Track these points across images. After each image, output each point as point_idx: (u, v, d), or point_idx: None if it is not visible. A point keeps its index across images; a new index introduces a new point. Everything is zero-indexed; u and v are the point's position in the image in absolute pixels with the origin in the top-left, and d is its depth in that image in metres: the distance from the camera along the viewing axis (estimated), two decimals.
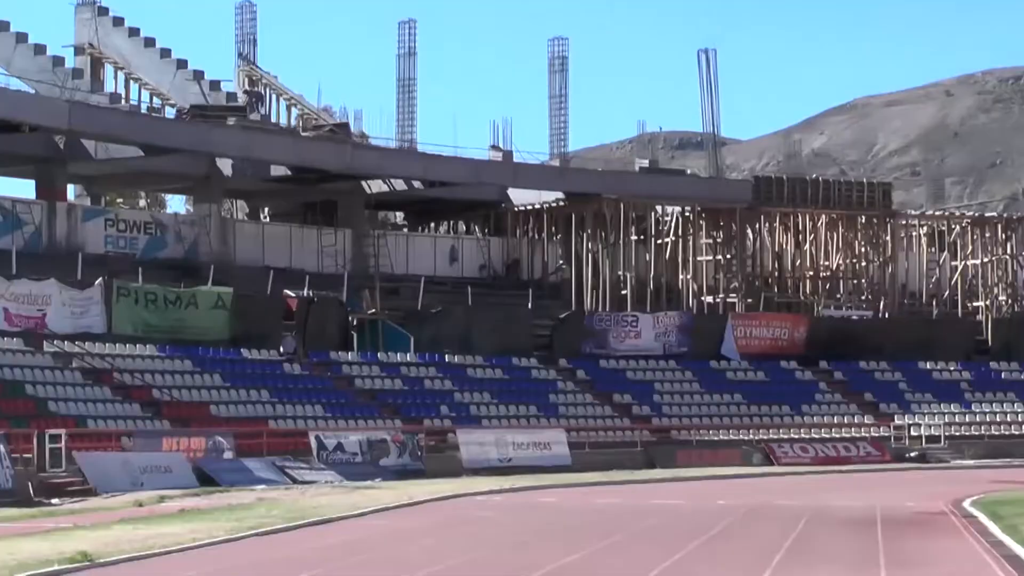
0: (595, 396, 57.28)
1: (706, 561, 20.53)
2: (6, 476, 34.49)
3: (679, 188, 69.95)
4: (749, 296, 66.04)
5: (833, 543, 22.85)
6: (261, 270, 56.43)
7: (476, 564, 20.16)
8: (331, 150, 62.31)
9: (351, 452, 45.88)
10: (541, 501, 34.80)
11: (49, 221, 54.31)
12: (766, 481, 44.38)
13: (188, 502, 32.67)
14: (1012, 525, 24.41)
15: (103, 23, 67.82)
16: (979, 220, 73.36)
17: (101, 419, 43.48)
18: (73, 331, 48.08)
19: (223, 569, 19.29)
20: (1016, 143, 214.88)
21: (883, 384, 62.31)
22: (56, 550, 20.40)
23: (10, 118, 52.84)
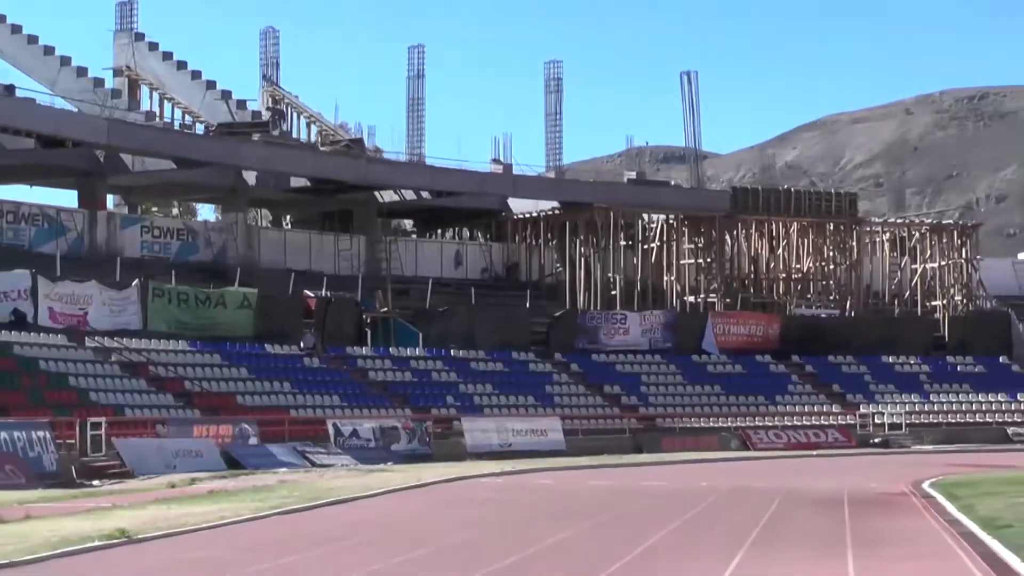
0: (587, 387, 57.28)
1: (689, 537, 20.53)
2: (51, 460, 34.55)
3: (664, 198, 70.00)
4: (727, 296, 66.08)
5: (804, 521, 22.85)
6: (283, 272, 56.44)
7: (480, 540, 20.16)
8: (347, 163, 62.36)
9: (365, 438, 45.89)
10: (538, 483, 34.80)
11: (90, 228, 54.33)
12: (743, 465, 44.37)
13: (217, 484, 32.67)
14: (968, 505, 24.40)
15: (139, 48, 67.91)
16: (937, 227, 73.37)
17: (137, 408, 43.49)
18: (112, 328, 48.08)
19: (248, 545, 19.29)
20: (970, 157, 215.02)
21: (849, 376, 62.35)
22: (96, 527, 20.40)
23: (55, 134, 52.94)
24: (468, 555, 17.89)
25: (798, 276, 68.88)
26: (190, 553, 18.12)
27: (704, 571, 15.68)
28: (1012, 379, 63.48)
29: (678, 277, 66.18)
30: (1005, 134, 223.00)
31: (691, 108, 73.88)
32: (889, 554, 17.70)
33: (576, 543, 19.59)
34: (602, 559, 16.91)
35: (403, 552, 18.22)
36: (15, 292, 46.01)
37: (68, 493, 29.97)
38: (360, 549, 18.93)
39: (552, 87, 74.36)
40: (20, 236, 52.34)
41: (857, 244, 68.80)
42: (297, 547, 18.96)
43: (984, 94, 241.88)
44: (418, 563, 17.09)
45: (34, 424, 35.66)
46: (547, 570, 16.24)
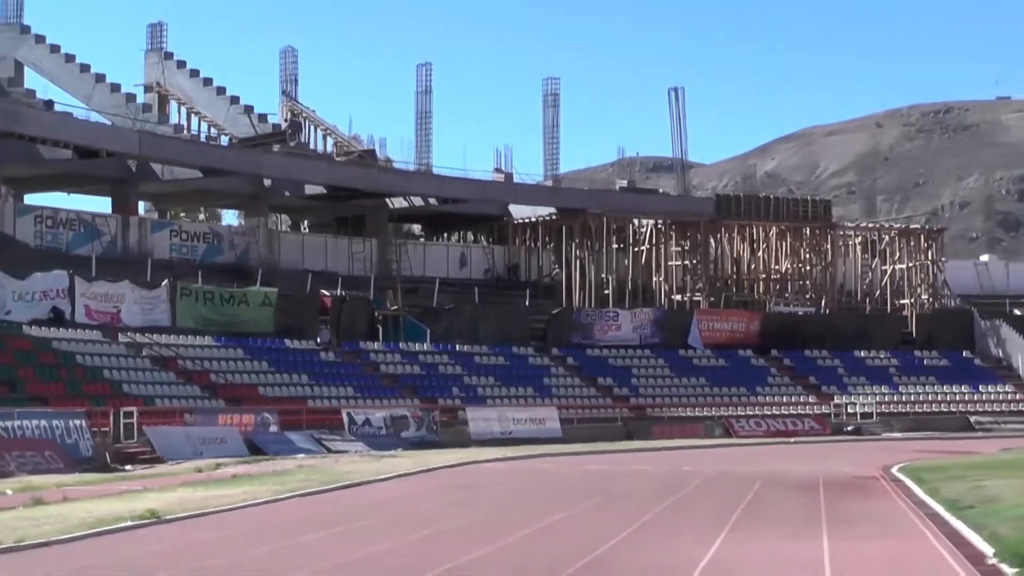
0: (582, 379, 57.27)
1: (676, 517, 20.54)
2: (87, 446, 34.56)
3: (653, 204, 70.10)
4: (711, 295, 66.08)
5: (782, 503, 22.86)
6: (301, 273, 56.46)
7: (484, 520, 20.16)
8: (360, 172, 62.44)
9: (377, 426, 45.89)
10: (537, 467, 34.80)
11: (123, 232, 54.34)
12: (726, 451, 44.37)
13: (240, 468, 32.67)
14: (933, 488, 24.41)
15: (168, 66, 68.02)
16: (905, 231, 73.39)
17: (167, 399, 43.50)
18: (143, 325, 48.11)
19: (269, 525, 19.30)
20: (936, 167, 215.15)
21: (824, 369, 62.32)
22: (128, 508, 20.41)
23: (90, 145, 53.03)
24: (473, 534, 17.90)
25: (777, 276, 68.90)
26: (215, 532, 18.14)
27: (690, 549, 15.68)
28: (975, 372, 63.52)
29: (666, 277, 66.20)
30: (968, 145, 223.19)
31: (678, 121, 73.94)
32: (861, 533, 17.71)
33: (572, 523, 19.61)
34: (596, 537, 16.93)
35: (412, 532, 18.23)
36: (54, 291, 46.05)
37: (103, 477, 29.98)
38: (372, 529, 18.94)
39: (550, 102, 74.51)
40: (58, 239, 52.38)
41: (831, 247, 68.82)
42: (313, 527, 18.97)
43: (948, 108, 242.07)
44: (426, 542, 17.09)
45: (72, 413, 35.69)
46: (546, 548, 16.25)
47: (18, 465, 30.16)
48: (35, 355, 42.61)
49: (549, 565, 14.11)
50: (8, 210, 52.23)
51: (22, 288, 45.13)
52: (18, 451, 31.42)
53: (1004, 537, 15.90)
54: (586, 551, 15.47)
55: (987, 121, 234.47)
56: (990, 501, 21.02)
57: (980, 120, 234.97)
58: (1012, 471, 28.66)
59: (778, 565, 14.33)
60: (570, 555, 15.02)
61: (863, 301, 69.59)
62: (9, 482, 27.04)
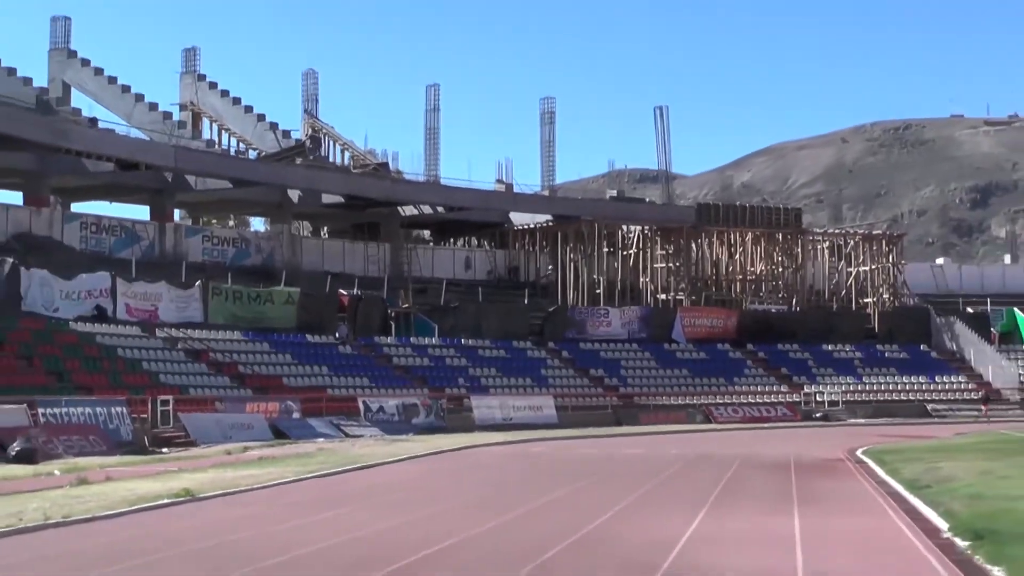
0: (576, 371, 57.31)
1: (662, 495, 20.53)
2: (127, 431, 34.59)
3: (640, 212, 70.20)
4: (693, 294, 66.14)
5: (757, 483, 22.85)
6: (321, 274, 56.52)
7: (487, 498, 20.15)
8: (374, 183, 62.53)
9: (390, 413, 45.90)
10: (535, 450, 34.80)
11: (160, 237, 54.41)
12: (706, 435, 44.37)
13: (265, 451, 32.68)
14: (894, 469, 24.41)
15: (201, 86, 68.07)
16: (868, 236, 73.42)
17: (199, 388, 43.50)
18: (178, 321, 48.14)
19: (292, 502, 19.29)
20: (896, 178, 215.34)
21: (795, 361, 62.37)
22: (165, 488, 20.40)
23: (130, 159, 53.09)
24: (477, 511, 17.89)
25: (752, 277, 68.95)
26: (243, 509, 18.13)
27: (674, 524, 15.67)
28: (931, 364, 63.59)
29: (652, 278, 66.24)
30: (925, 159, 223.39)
31: (663, 137, 74.19)
32: (828, 510, 17.70)
33: (567, 500, 19.60)
34: (589, 514, 16.91)
35: (422, 508, 18.22)
36: (97, 291, 46.08)
37: (141, 459, 29.98)
38: (386, 506, 18.94)
39: (546, 119, 74.60)
40: (102, 244, 52.44)
41: (801, 251, 68.86)
42: (332, 505, 18.95)
43: (907, 125, 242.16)
44: (435, 517, 17.08)
45: (113, 401, 35.72)
46: (544, 523, 16.24)
47: (65, 448, 30.17)
48: (80, 348, 42.63)
49: (547, 538, 14.10)
50: (56, 217, 52.28)
51: (69, 288, 45.18)
52: (65, 435, 31.43)
53: (958, 514, 15.90)
54: (580, 526, 15.46)
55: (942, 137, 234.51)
56: (945, 481, 21.01)
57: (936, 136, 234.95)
58: (965, 454, 28.70)
59: (754, 539, 14.33)
60: (566, 529, 15.01)
61: (830, 300, 69.67)
62: (57, 463, 27.05)
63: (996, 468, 23.63)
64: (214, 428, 38.06)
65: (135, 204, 58.82)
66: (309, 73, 72.50)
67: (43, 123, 51.63)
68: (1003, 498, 17.58)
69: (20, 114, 51.47)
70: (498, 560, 12.60)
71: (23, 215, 50.67)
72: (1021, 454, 28.35)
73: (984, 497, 17.80)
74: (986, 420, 51.85)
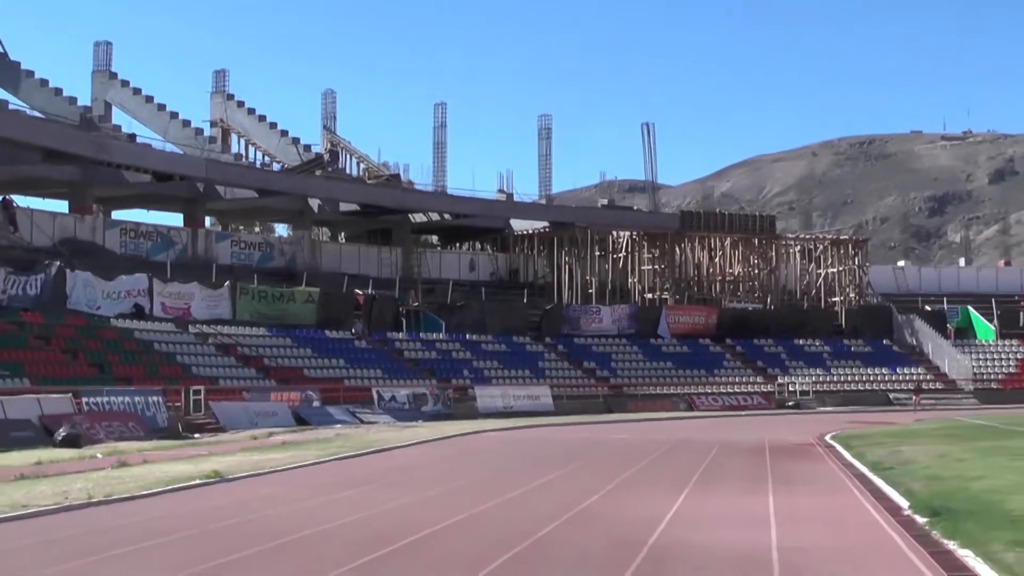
0: (570, 363, 57.29)
1: (648, 476, 20.54)
2: (163, 418, 34.60)
3: (628, 219, 70.13)
4: (677, 293, 66.09)
5: (735, 465, 22.87)
6: (339, 275, 56.48)
7: (489, 479, 20.18)
8: (387, 193, 62.45)
9: (401, 402, 45.91)
10: (533, 436, 34.83)
11: (192, 242, 54.37)
12: (689, 422, 44.41)
13: (288, 437, 32.71)
14: (860, 452, 24.43)
15: (230, 105, 68.00)
16: (836, 241, 73.37)
17: (228, 379, 43.53)
18: (209, 318, 48.15)
19: (312, 483, 19.31)
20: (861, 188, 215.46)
21: (769, 354, 62.34)
22: (197, 469, 20.42)
23: (166, 171, 53.10)
24: (481, 490, 17.90)
25: (731, 278, 68.90)
26: (267, 489, 18.14)
27: (660, 502, 15.68)
28: (893, 357, 63.55)
29: (639, 279, 66.20)
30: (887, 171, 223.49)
31: (649, 151, 74.06)
32: (800, 490, 17.72)
33: (562, 481, 19.61)
34: (583, 493, 16.93)
35: (431, 488, 18.23)
36: (136, 291, 46.10)
37: (175, 443, 30.02)
38: (397, 486, 18.95)
39: (543, 135, 74.44)
40: (139, 248, 52.42)
41: (775, 254, 68.81)
42: (349, 485, 18.97)
43: (872, 140, 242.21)
44: (443, 496, 17.10)
45: (150, 391, 35.73)
46: (542, 501, 16.25)
47: (107, 433, 30.19)
48: (120, 343, 42.66)
49: (543, 516, 14.11)
50: (99, 224, 52.27)
51: (110, 288, 45.20)
52: (107, 422, 31.45)
53: (917, 493, 15.92)
54: (573, 505, 15.47)
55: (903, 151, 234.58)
56: (906, 463, 21.04)
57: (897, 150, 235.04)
58: (924, 439, 28.72)
59: (732, 516, 14.34)
60: (562, 507, 15.02)
61: (801, 299, 69.62)
62: (99, 447, 27.08)
63: (952, 452, 23.67)
64: (241, 415, 38.10)
65: (170, 212, 58.84)
66: (328, 93, 72.57)
67: (87, 139, 51.60)
68: (958, 479, 17.61)
69: (66, 131, 51.46)
70: (500, 536, 12.61)
71: (69, 222, 50.67)
72: (974, 439, 28.37)
73: (941, 478, 17.82)
74: (916, 408, 51.86)
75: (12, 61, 61.02)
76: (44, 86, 60.32)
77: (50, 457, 23.85)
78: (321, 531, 13.04)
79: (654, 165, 75.26)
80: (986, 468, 19.35)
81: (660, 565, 10.72)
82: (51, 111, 56.52)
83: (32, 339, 39.54)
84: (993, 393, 59.68)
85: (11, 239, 46.62)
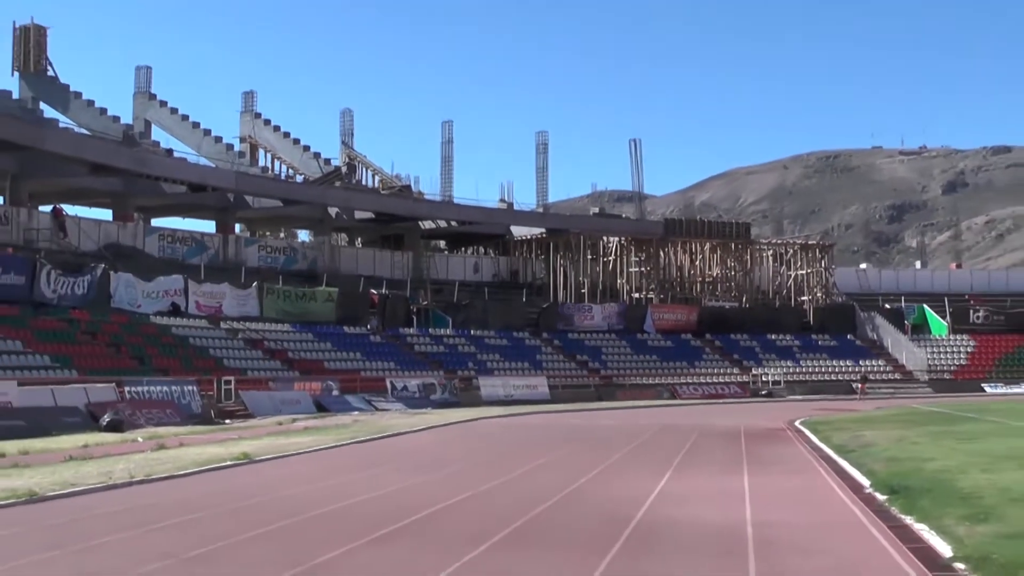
0: (565, 356, 57.23)
1: (635, 458, 20.55)
2: (197, 405, 34.62)
3: (617, 226, 70.06)
4: (661, 293, 66.07)
5: (714, 448, 22.88)
6: (355, 277, 56.46)
7: (493, 460, 20.17)
8: (399, 202, 62.42)
9: (412, 391, 45.90)
10: (531, 422, 34.83)
11: (223, 246, 54.35)
12: (672, 409, 44.42)
13: (310, 422, 32.74)
14: (826, 436, 24.45)
15: (257, 123, 68.05)
16: (805, 246, 73.28)
17: (256, 370, 43.52)
18: (238, 315, 48.14)
19: (332, 464, 19.33)
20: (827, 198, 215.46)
21: (744, 348, 62.30)
22: (228, 452, 20.44)
23: (200, 182, 53.07)
24: (484, 471, 17.93)
25: (710, 279, 68.84)
26: (292, 469, 18.17)
27: (646, 482, 15.70)
28: (856, 350, 63.55)
29: (627, 280, 66.17)
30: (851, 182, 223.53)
31: (636, 164, 74.10)
32: (772, 470, 17.73)
33: (558, 462, 19.62)
34: (576, 473, 16.94)
35: (439, 469, 18.25)
36: (173, 291, 46.09)
37: (208, 428, 30.04)
38: (409, 468, 18.96)
39: (541, 149, 74.43)
40: (176, 252, 52.39)
41: (750, 257, 68.79)
42: (365, 466, 18.99)
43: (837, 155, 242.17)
44: (450, 476, 17.11)
45: (185, 381, 35.75)
46: (537, 482, 16.27)
47: (146, 419, 30.20)
48: (159, 338, 42.65)
49: (540, 495, 14.14)
50: (139, 231, 52.26)
51: (149, 288, 45.20)
52: (147, 409, 31.48)
53: (877, 472, 15.95)
54: (568, 483, 15.49)
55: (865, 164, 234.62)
56: (867, 446, 21.05)
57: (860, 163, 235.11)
58: (883, 424, 28.72)
59: (711, 494, 14.36)
60: (555, 487, 15.04)
61: (773, 298, 69.57)
62: (140, 432, 27.09)
63: (908, 435, 23.67)
64: (268, 403, 38.12)
65: (203, 219, 58.81)
66: (346, 111, 72.51)
67: (128, 154, 51.59)
68: (914, 460, 17.62)
69: (110, 146, 51.46)
70: (501, 512, 12.63)
71: (112, 228, 50.67)
72: (928, 424, 28.36)
73: (899, 459, 17.84)
74: (861, 397, 51.84)
75: (62, 84, 61.06)
76: (90, 106, 60.36)
77: (96, 440, 23.88)
78: (339, 507, 13.06)
79: (640, 177, 75.34)
80: (939, 451, 19.37)
81: (646, 538, 10.73)
82: (97, 129, 56.54)
83: (80, 334, 39.55)
84: (945, 383, 59.70)
85: (61, 244, 46.63)
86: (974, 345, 64.17)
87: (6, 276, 39.18)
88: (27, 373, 33.63)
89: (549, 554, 9.91)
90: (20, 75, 59.75)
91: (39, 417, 27.31)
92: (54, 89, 60.35)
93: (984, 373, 61.42)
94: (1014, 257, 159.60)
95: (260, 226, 65.41)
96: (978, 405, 41.07)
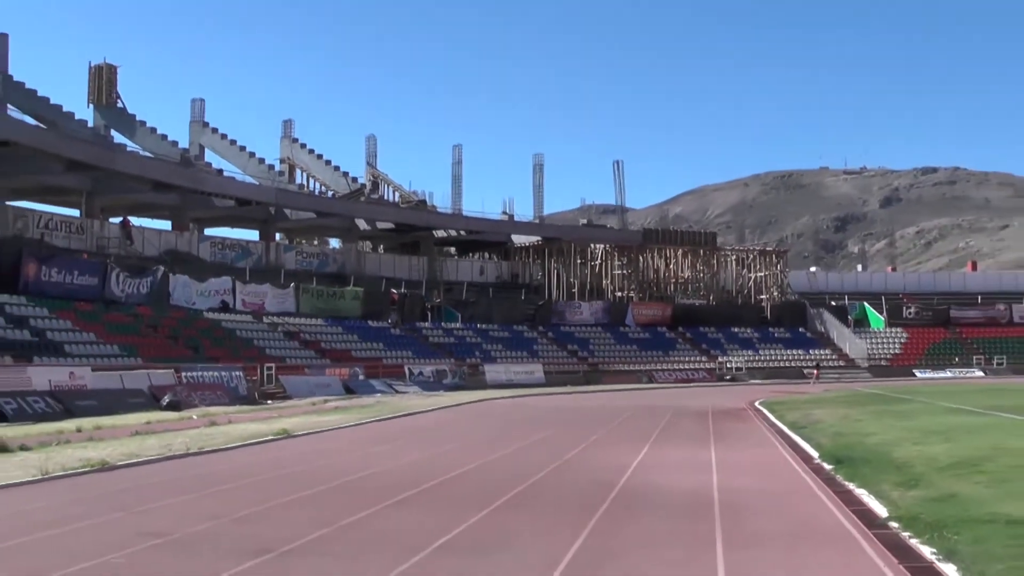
0: (558, 346, 57.26)
1: (619, 433, 20.53)
2: (243, 388, 34.62)
3: (603, 235, 70.06)
4: (640, 292, 66.05)
5: (686, 425, 22.87)
6: (378, 279, 56.47)
7: (496, 436, 20.17)
8: (416, 214, 62.39)
9: (427, 376, 45.88)
10: (529, 403, 34.83)
11: (265, 252, 54.35)
12: (650, 392, 44.41)
13: (340, 403, 32.76)
14: (781, 415, 24.44)
15: (295, 146, 68.01)
16: (763, 252, 73.24)
17: (293, 358, 43.55)
18: (279, 311, 48.13)
19: (358, 438, 19.34)
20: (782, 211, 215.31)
21: (712, 339, 62.32)
22: (270, 428, 20.44)
23: (245, 198, 53.15)
24: (489, 445, 17.93)
25: (682, 280, 68.85)
26: (324, 444, 18.18)
27: (628, 454, 15.70)
28: (806, 341, 63.57)
29: (611, 281, 66.15)
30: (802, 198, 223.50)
31: (619, 182, 74.13)
32: (736, 445, 17.73)
33: (552, 437, 19.61)
34: (567, 447, 16.94)
35: (450, 443, 18.25)
36: (222, 290, 46.12)
37: (253, 408, 30.06)
38: (425, 442, 18.99)
39: (537, 169, 74.17)
40: (225, 257, 52.40)
41: (716, 262, 68.80)
42: (387, 440, 19.00)
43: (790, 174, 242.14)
44: (459, 449, 17.12)
45: (233, 367, 35.74)
46: (535, 453, 16.27)
47: (200, 400, 30.22)
48: (211, 330, 42.66)
49: (537, 464, 14.15)
50: (194, 239, 52.29)
51: (202, 288, 45.22)
52: (200, 391, 31.50)
53: (825, 446, 15.94)
54: (560, 455, 15.50)
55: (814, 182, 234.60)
56: (816, 423, 21.05)
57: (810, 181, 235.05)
58: (830, 404, 28.71)
59: (684, 464, 14.36)
60: (550, 458, 15.05)
61: (736, 296, 69.56)
62: (195, 411, 27.11)
63: (852, 414, 23.67)
64: (304, 386, 38.13)
65: (248, 229, 58.82)
66: (371, 136, 72.40)
67: (185, 173, 51.63)
68: (857, 434, 17.63)
69: (170, 167, 51.50)
70: (504, 479, 12.63)
71: (171, 237, 50.71)
72: (869, 404, 28.34)
73: (843, 434, 17.84)
74: (815, 382, 51.90)
75: (130, 114, 61.06)
76: (153, 133, 60.34)
77: (157, 418, 23.90)
78: (364, 475, 13.07)
79: (623, 193, 75.37)
80: (878, 427, 19.36)
81: (629, 501, 10.75)
82: (158, 152, 56.53)
83: (143, 327, 39.56)
84: (883, 369, 59.75)
85: (128, 250, 46.68)
86: (907, 337, 64.21)
87: (82, 278, 39.27)
88: (100, 360, 33.64)
89: (546, 514, 9.93)
90: (94, 107, 59.78)
91: (109, 398, 27.33)
92: (123, 119, 60.35)
93: (915, 360, 61.50)
94: (940, 262, 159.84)
95: (297, 235, 65.42)
96: (910, 388, 41.08)
